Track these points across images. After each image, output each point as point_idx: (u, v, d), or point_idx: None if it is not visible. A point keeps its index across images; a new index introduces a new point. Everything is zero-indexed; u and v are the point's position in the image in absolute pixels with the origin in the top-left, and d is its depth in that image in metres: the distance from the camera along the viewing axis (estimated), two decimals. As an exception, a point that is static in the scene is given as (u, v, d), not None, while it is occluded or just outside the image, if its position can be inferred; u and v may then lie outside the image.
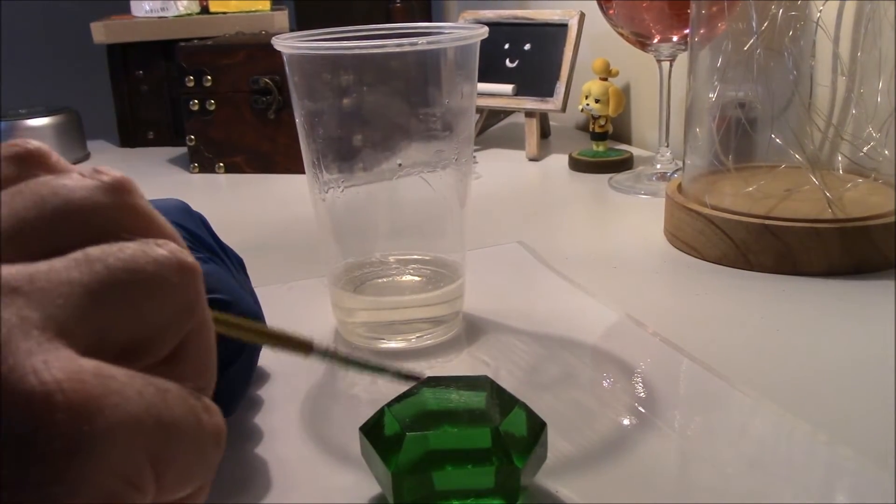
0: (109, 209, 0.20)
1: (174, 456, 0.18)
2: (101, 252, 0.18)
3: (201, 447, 0.19)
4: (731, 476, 0.35)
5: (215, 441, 0.19)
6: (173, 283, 0.19)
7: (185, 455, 0.18)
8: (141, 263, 0.19)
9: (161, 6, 1.06)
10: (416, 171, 0.46)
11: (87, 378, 0.16)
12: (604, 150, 0.89)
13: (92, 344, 0.17)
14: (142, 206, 0.20)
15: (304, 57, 0.44)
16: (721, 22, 0.62)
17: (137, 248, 0.19)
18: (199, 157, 0.94)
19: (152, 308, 0.19)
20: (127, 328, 0.18)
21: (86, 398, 0.16)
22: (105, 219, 0.19)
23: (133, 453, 0.17)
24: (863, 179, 0.61)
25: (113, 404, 0.17)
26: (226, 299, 0.37)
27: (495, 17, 0.98)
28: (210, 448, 0.19)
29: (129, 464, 0.17)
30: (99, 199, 0.19)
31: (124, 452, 0.17)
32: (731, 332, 0.48)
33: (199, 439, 0.19)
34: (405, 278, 0.50)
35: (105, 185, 0.20)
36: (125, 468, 0.17)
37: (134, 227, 0.20)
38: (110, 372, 0.17)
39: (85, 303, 0.18)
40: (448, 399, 0.33)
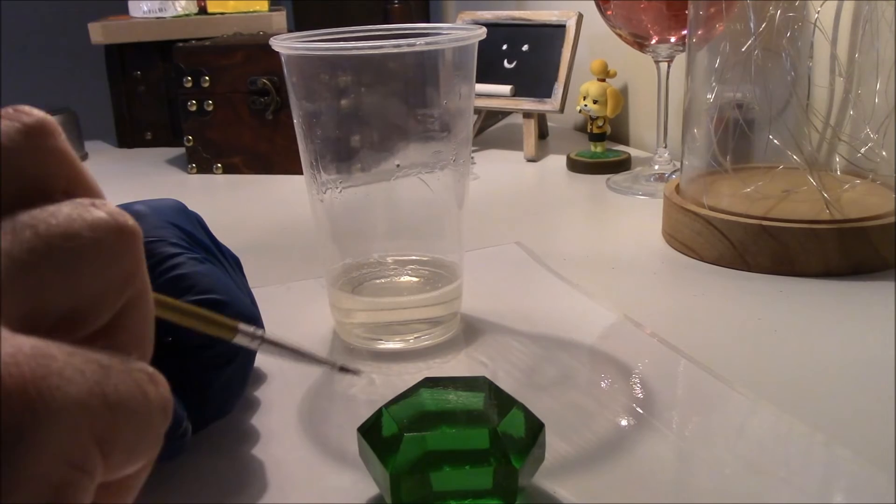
0: (33, 154, 0.18)
1: (121, 434, 0.17)
2: (30, 218, 0.17)
3: (149, 421, 0.18)
4: (729, 477, 0.35)
5: (162, 413, 0.18)
6: (112, 248, 0.18)
7: (133, 431, 0.17)
8: (76, 228, 0.17)
9: (159, 7, 1.06)
10: (414, 172, 0.46)
11: (25, 360, 0.15)
12: (602, 150, 0.89)
13: (25, 316, 0.16)
14: (67, 152, 0.19)
15: (303, 58, 0.44)
16: (719, 23, 0.62)
17: (72, 211, 0.18)
18: (196, 157, 0.94)
19: (89, 276, 0.18)
20: (63, 298, 0.17)
21: (24, 383, 0.15)
22: (29, 165, 0.18)
23: (78, 437, 0.16)
24: (860, 180, 0.61)
25: (54, 386, 0.15)
26: (221, 299, 0.37)
27: (493, 17, 0.98)
28: (158, 419, 0.18)
29: (74, 448, 0.16)
30: (20, 143, 0.18)
31: (69, 437, 0.16)
32: (728, 333, 0.48)
33: (147, 413, 0.18)
34: (403, 279, 0.50)
35: (26, 126, 0.18)
36: (70, 452, 0.16)
37: (60, 174, 0.19)
38: (49, 351, 0.16)
39: (14, 274, 0.16)
40: (446, 400, 0.33)
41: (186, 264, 0.37)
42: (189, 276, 0.37)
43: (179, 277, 0.36)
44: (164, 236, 0.38)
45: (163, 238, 0.38)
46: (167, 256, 0.37)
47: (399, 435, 0.31)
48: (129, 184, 0.92)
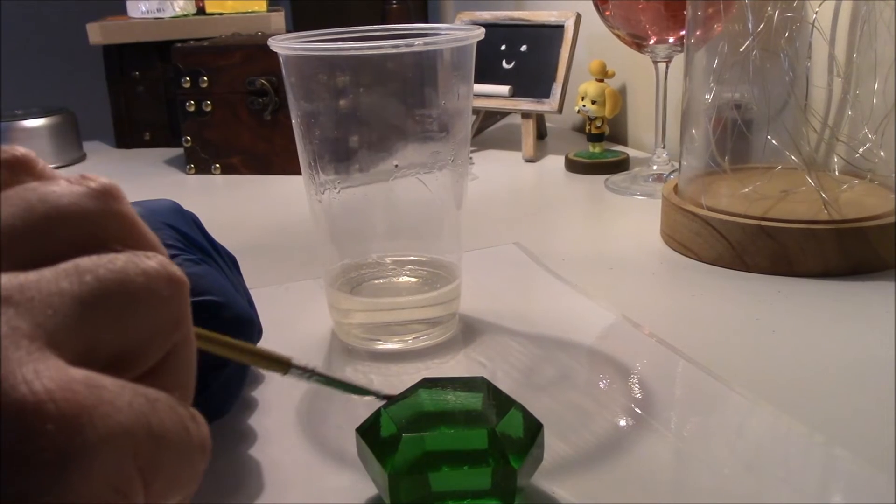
0: (97, 215, 0.20)
1: (163, 465, 0.18)
2: (91, 263, 0.18)
3: (189, 456, 0.19)
4: (728, 477, 0.35)
5: (201, 450, 0.20)
6: (162, 295, 0.19)
7: (173, 464, 0.19)
8: (131, 275, 0.19)
9: (157, 7, 1.06)
10: (413, 173, 0.46)
11: (78, 388, 0.16)
12: (600, 151, 0.89)
13: (81, 354, 0.17)
14: (128, 213, 0.21)
15: (301, 58, 0.44)
16: (717, 23, 0.62)
17: (127, 260, 0.19)
18: (195, 158, 0.93)
19: (141, 320, 0.19)
20: (115, 339, 0.18)
21: (77, 408, 0.16)
22: (92, 225, 0.19)
23: (123, 463, 0.17)
24: (859, 181, 0.61)
25: (104, 414, 0.17)
26: (218, 301, 0.37)
27: (492, 18, 0.98)
28: (197, 457, 0.19)
29: (118, 473, 0.17)
30: (86, 204, 0.19)
31: (114, 462, 0.17)
32: (727, 334, 0.48)
33: (187, 448, 0.19)
34: (402, 279, 0.50)
35: (92, 191, 0.20)
36: (115, 477, 0.17)
37: (120, 234, 0.20)
38: (100, 382, 0.17)
39: (75, 313, 0.18)
40: (444, 400, 0.33)
41: (182, 266, 0.37)
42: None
43: None
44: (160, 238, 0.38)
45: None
46: None
47: (398, 435, 0.31)
48: (128, 184, 0.91)
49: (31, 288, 0.17)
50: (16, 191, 0.19)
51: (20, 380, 0.16)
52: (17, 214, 0.19)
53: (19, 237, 0.18)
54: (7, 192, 0.19)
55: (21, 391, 0.16)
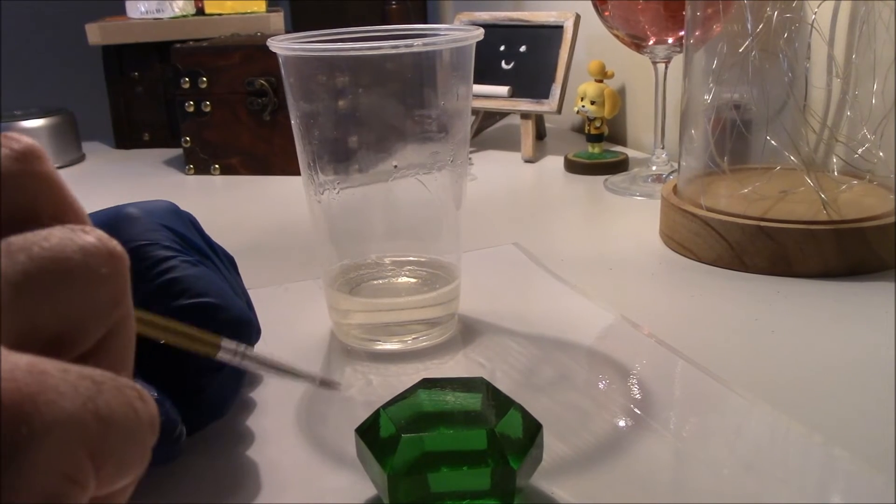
0: (20, 177, 0.19)
1: (113, 448, 0.18)
2: (23, 241, 0.18)
3: (139, 436, 0.19)
4: (727, 477, 0.35)
5: (151, 429, 0.19)
6: (101, 272, 0.18)
7: (123, 445, 0.18)
8: (67, 252, 0.18)
9: (156, 7, 1.06)
10: (412, 173, 0.46)
11: (20, 375, 0.16)
12: (599, 151, 0.89)
13: (18, 337, 0.17)
14: (54, 176, 0.20)
15: (300, 58, 0.44)
16: (716, 24, 0.63)
17: (63, 236, 0.18)
18: (194, 158, 0.93)
19: (80, 298, 0.18)
20: (54, 320, 0.18)
21: (20, 397, 0.16)
22: (18, 189, 0.19)
23: (72, 450, 0.17)
24: (858, 181, 0.61)
25: (49, 401, 0.16)
26: (215, 303, 0.37)
27: (491, 18, 0.98)
28: (147, 436, 0.19)
29: (68, 460, 0.17)
30: (10, 167, 0.19)
31: (62, 449, 0.16)
32: (726, 334, 0.48)
33: (137, 429, 0.18)
34: (401, 280, 0.50)
35: (15, 152, 0.19)
36: (64, 465, 0.16)
37: (48, 199, 0.19)
38: (43, 367, 0.17)
39: (9, 295, 0.17)
40: (444, 401, 0.33)
41: (179, 268, 0.37)
42: (182, 279, 0.37)
43: (172, 281, 0.36)
44: (157, 239, 0.38)
45: (155, 241, 0.38)
46: (160, 260, 0.37)
47: (397, 436, 0.31)
48: (127, 185, 0.92)
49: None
50: None
51: None
52: None
53: None
54: None
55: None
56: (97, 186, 0.92)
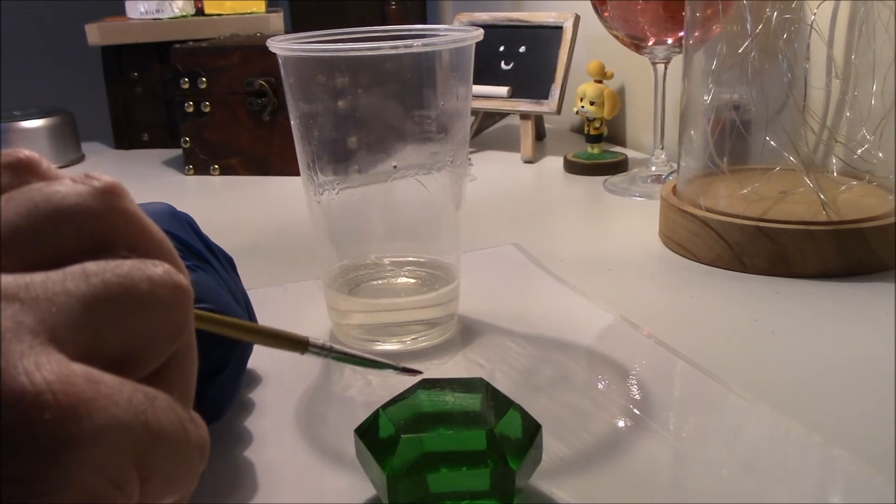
0: (101, 214, 0.20)
1: (159, 462, 0.18)
2: (98, 267, 0.19)
3: (186, 456, 0.19)
4: (726, 477, 0.35)
5: (200, 452, 0.20)
6: (166, 302, 0.20)
7: (170, 462, 0.19)
8: (136, 281, 0.19)
9: (156, 8, 1.06)
10: (412, 173, 0.46)
11: (77, 381, 0.17)
12: (599, 152, 0.89)
13: (83, 352, 0.18)
14: (133, 212, 0.21)
15: (300, 59, 0.44)
16: (715, 24, 0.63)
17: (134, 266, 0.19)
18: (193, 159, 0.93)
19: (144, 325, 0.19)
20: (118, 341, 0.19)
21: (74, 400, 0.17)
22: (97, 224, 0.20)
23: (119, 457, 0.17)
24: (857, 182, 0.61)
25: (101, 407, 0.17)
26: (212, 309, 0.37)
27: (490, 19, 0.98)
28: (195, 458, 0.20)
29: (115, 467, 0.17)
30: (91, 204, 0.20)
31: (110, 455, 0.17)
32: (725, 334, 0.48)
33: (185, 448, 0.19)
34: (400, 280, 0.50)
35: (97, 190, 0.20)
36: (111, 471, 0.17)
37: (126, 233, 0.20)
38: (99, 377, 0.17)
39: (79, 313, 0.18)
40: (443, 401, 0.33)
41: None
42: None
43: None
44: None
45: None
46: None
47: (396, 436, 0.31)
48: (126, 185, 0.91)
49: (36, 287, 0.18)
50: (20, 191, 0.19)
51: (21, 371, 0.16)
52: (22, 214, 0.19)
53: (24, 237, 0.19)
54: (11, 193, 0.19)
55: (21, 381, 0.16)
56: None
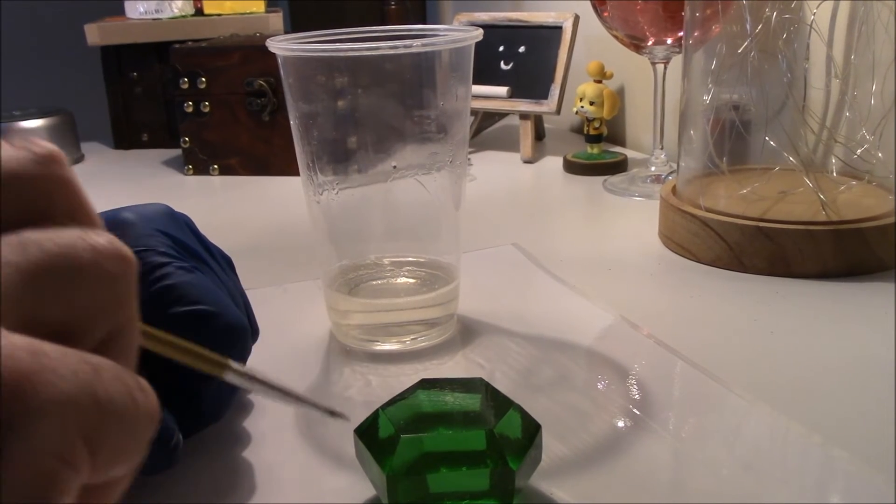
0: (41, 181, 0.20)
1: (109, 434, 0.18)
2: (37, 235, 0.18)
3: (136, 426, 0.19)
4: (726, 478, 0.35)
5: (149, 420, 0.19)
6: (109, 272, 0.19)
7: (120, 433, 0.18)
8: (79, 250, 0.19)
9: (155, 8, 1.06)
10: (411, 173, 0.46)
11: (20, 355, 0.16)
12: (598, 152, 0.89)
13: (23, 324, 0.17)
14: (73, 180, 0.21)
15: (299, 59, 0.44)
16: (715, 24, 0.63)
17: (76, 235, 0.19)
18: (193, 159, 0.93)
19: (86, 296, 0.19)
20: (59, 312, 0.18)
21: (18, 375, 0.16)
22: (37, 191, 0.19)
23: (67, 431, 0.17)
24: (857, 182, 0.61)
25: (46, 381, 0.17)
26: (210, 310, 0.37)
27: (490, 19, 0.98)
28: (144, 427, 0.19)
29: (63, 441, 0.17)
30: (30, 170, 0.19)
31: (59, 430, 0.17)
32: (725, 335, 0.48)
33: (134, 418, 0.19)
34: (400, 280, 0.50)
35: (37, 156, 0.20)
36: (59, 446, 0.17)
37: (65, 201, 0.20)
38: (43, 348, 0.17)
39: (18, 283, 0.18)
40: (443, 401, 0.33)
41: (174, 275, 0.37)
42: (177, 286, 0.36)
43: (168, 288, 0.36)
44: (153, 245, 0.38)
45: (151, 247, 0.38)
46: (155, 266, 0.37)
47: (396, 436, 0.31)
48: (126, 185, 0.92)
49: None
50: None
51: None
52: None
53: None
54: None
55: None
56: (96, 187, 0.91)
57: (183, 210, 0.45)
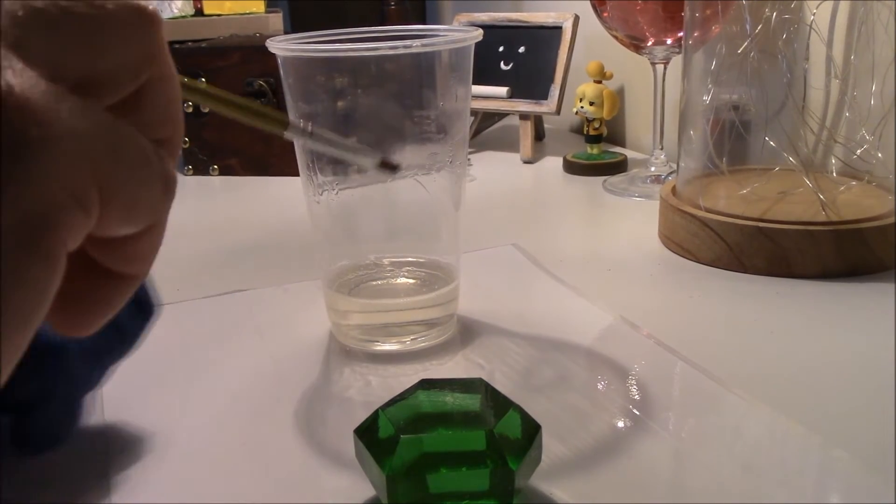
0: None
1: (121, 186, 0.19)
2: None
3: (148, 184, 0.20)
4: (725, 478, 0.35)
5: (164, 183, 0.20)
6: (132, 24, 0.20)
7: (132, 187, 0.19)
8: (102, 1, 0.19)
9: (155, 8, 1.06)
10: (411, 174, 0.46)
11: (42, 89, 0.17)
12: (598, 152, 0.89)
13: (47, 69, 0.18)
14: None
15: (299, 59, 0.44)
16: (715, 25, 0.63)
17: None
18: (193, 159, 0.93)
19: (109, 45, 0.19)
20: (82, 61, 0.19)
21: (38, 107, 0.17)
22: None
23: (80, 170, 0.17)
24: (856, 182, 0.61)
25: (64, 118, 0.17)
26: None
27: (490, 19, 0.98)
28: (157, 188, 0.20)
29: (75, 177, 0.17)
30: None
31: (71, 166, 0.17)
32: (725, 335, 0.48)
33: (148, 176, 0.20)
34: (400, 281, 0.50)
35: None
36: (71, 181, 0.17)
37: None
38: (65, 94, 0.18)
39: (39, 25, 0.18)
40: (442, 401, 0.33)
41: None
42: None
43: None
44: None
45: None
46: None
47: (395, 437, 0.31)
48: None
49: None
50: None
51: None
52: None
53: None
54: None
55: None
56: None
57: (182, 210, 0.45)
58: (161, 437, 0.39)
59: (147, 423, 0.40)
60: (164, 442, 0.39)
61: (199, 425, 0.40)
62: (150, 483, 0.36)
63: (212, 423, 0.40)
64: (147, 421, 0.41)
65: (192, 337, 0.51)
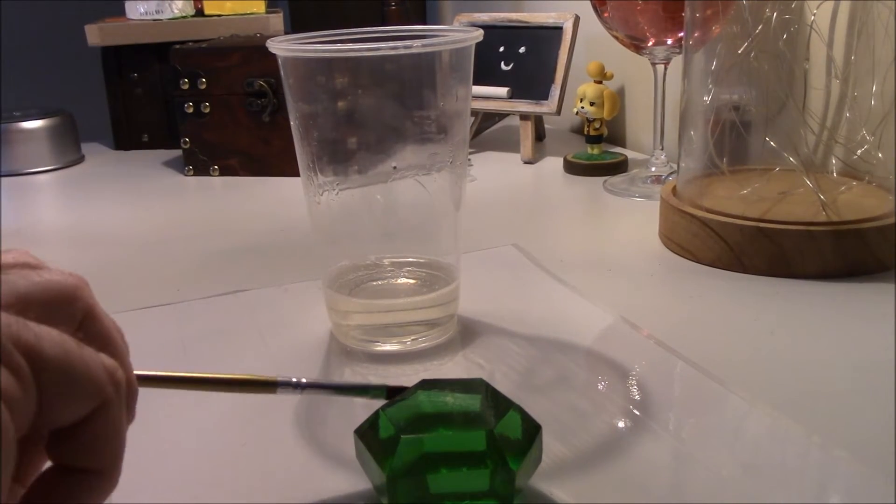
0: (82, 296, 0.25)
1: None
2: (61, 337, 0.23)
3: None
4: (726, 478, 0.35)
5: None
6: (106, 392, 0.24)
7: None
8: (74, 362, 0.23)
9: (156, 8, 1.06)
10: (411, 174, 0.46)
11: None
12: (598, 152, 0.89)
13: None
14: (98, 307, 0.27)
15: (299, 59, 0.44)
16: (715, 25, 0.63)
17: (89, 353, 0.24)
18: (193, 159, 0.93)
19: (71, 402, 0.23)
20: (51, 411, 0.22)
21: None
22: (78, 304, 0.25)
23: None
24: (857, 182, 0.61)
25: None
26: None
27: (490, 19, 0.98)
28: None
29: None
30: (74, 282, 0.25)
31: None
32: (725, 335, 0.48)
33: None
34: (400, 281, 0.50)
35: (75, 275, 0.26)
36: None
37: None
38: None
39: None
40: (443, 402, 0.33)
41: None
42: None
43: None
44: None
45: None
46: None
47: (396, 437, 0.31)
48: (126, 186, 0.92)
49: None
50: None
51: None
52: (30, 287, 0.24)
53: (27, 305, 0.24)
54: None
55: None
56: (96, 188, 0.92)
57: (183, 211, 0.45)
58: (161, 437, 0.39)
59: (147, 424, 0.40)
60: (165, 442, 0.39)
61: (199, 425, 0.40)
62: (150, 483, 0.36)
63: (212, 423, 0.40)
64: (147, 421, 0.41)
65: (192, 337, 0.51)
